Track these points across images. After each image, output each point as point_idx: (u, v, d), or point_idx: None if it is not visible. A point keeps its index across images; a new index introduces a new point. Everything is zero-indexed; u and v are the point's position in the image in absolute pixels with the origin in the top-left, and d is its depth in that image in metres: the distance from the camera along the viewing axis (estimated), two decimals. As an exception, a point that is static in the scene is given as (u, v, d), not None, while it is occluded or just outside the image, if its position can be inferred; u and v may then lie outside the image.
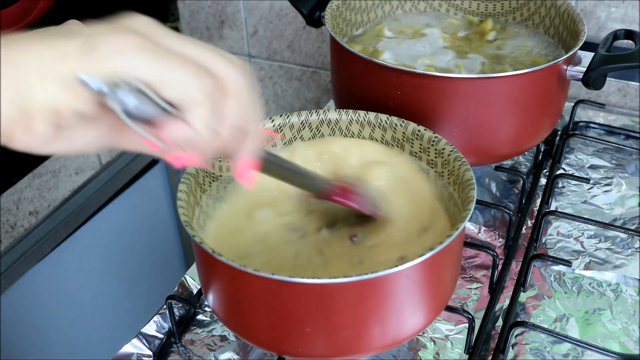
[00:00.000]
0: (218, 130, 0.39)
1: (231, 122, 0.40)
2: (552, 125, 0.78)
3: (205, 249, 0.49)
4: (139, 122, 0.38)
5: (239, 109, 0.40)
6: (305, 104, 1.21)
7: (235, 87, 0.40)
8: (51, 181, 1.03)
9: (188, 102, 0.37)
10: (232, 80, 0.39)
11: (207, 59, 0.39)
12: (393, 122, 0.63)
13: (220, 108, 0.39)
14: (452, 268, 0.55)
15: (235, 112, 0.40)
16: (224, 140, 0.40)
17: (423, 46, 0.83)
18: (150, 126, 0.38)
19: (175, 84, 0.37)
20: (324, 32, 1.10)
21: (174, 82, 0.37)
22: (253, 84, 0.42)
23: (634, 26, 0.92)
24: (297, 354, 0.53)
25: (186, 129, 0.38)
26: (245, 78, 0.41)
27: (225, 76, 0.39)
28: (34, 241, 1.01)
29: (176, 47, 0.38)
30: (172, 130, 0.38)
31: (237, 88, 0.40)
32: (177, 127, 0.38)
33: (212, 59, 0.39)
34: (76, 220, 1.09)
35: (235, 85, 0.40)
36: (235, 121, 0.40)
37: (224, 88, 0.39)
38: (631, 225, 0.76)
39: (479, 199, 0.70)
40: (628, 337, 0.63)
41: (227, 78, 0.39)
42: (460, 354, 0.62)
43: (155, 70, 0.36)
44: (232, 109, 0.40)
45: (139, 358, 0.62)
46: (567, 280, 0.69)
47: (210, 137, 0.39)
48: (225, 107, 0.39)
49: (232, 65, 0.40)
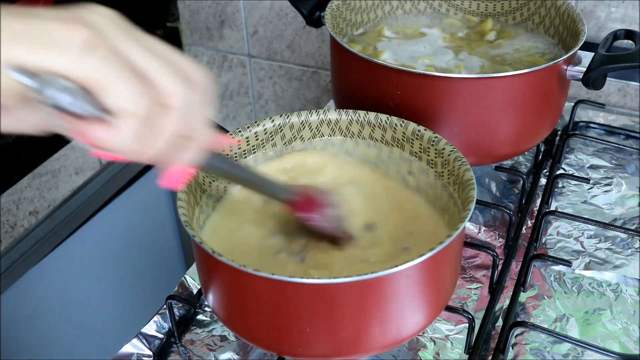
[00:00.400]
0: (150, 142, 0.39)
1: (167, 136, 0.40)
2: (552, 125, 0.78)
3: (205, 249, 0.49)
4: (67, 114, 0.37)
5: (177, 122, 0.40)
6: (305, 104, 1.21)
7: (176, 101, 0.39)
8: (51, 181, 1.03)
9: (120, 112, 0.37)
10: (174, 94, 0.39)
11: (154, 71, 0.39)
12: (393, 122, 0.63)
13: (155, 122, 0.39)
14: (452, 268, 0.55)
15: (172, 126, 0.40)
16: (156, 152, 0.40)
17: (423, 46, 0.83)
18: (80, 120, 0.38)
19: (111, 92, 0.37)
20: (324, 32, 1.10)
21: (111, 90, 0.37)
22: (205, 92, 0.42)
23: (634, 26, 0.92)
24: (297, 354, 0.53)
25: (111, 136, 0.38)
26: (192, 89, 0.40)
27: (167, 90, 0.39)
28: (34, 241, 1.01)
29: (127, 53, 0.38)
30: (97, 132, 0.38)
31: (177, 102, 0.40)
32: (103, 132, 0.38)
33: (159, 71, 0.39)
34: (76, 220, 1.09)
35: (176, 99, 0.39)
36: (172, 134, 0.40)
37: (164, 102, 0.39)
38: (631, 225, 0.76)
39: (479, 199, 0.70)
40: (628, 337, 0.63)
41: (168, 92, 0.39)
42: (460, 354, 0.62)
43: (94, 73, 0.36)
44: (169, 123, 0.40)
45: (139, 358, 0.62)
46: (567, 280, 0.69)
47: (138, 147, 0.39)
48: (161, 121, 0.39)
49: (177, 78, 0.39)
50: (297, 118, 0.64)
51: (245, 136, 0.62)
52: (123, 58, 0.37)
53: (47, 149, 0.98)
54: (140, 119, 0.38)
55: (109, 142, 0.38)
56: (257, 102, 1.25)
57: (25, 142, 0.92)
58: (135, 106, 0.37)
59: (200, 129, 0.43)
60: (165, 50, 0.41)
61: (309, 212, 0.57)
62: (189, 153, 0.43)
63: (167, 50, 0.41)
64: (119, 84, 0.37)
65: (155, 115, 0.39)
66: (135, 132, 0.38)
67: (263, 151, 0.64)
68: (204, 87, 0.42)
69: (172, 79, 0.39)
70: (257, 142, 0.63)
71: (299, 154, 0.66)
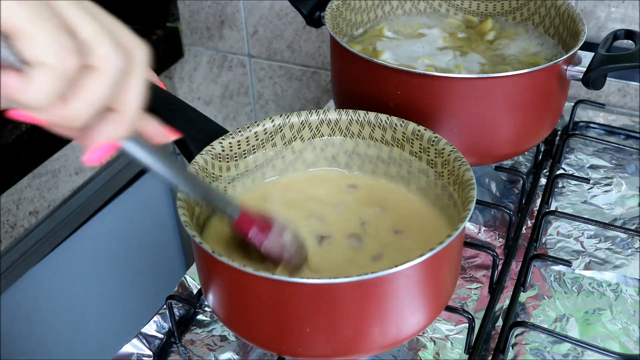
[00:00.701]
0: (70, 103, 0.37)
1: (89, 100, 0.38)
2: (552, 125, 0.78)
3: (205, 249, 0.49)
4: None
5: (103, 88, 0.38)
6: (305, 104, 1.21)
7: (104, 64, 0.38)
8: (51, 181, 1.03)
9: (37, 62, 0.35)
10: (104, 57, 0.38)
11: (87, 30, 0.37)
12: (393, 122, 0.63)
13: (78, 82, 0.37)
14: (452, 268, 0.55)
15: (96, 90, 0.38)
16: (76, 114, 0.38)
17: (423, 46, 0.83)
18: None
19: (32, 41, 0.35)
20: (324, 32, 1.10)
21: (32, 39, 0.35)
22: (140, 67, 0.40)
23: (634, 26, 0.92)
24: (297, 354, 0.53)
25: (24, 86, 0.36)
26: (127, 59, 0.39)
27: (97, 51, 0.37)
28: (34, 241, 1.01)
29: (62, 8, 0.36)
30: (10, 81, 0.36)
31: (106, 66, 0.38)
32: (16, 81, 0.36)
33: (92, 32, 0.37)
34: (76, 220, 1.09)
35: (105, 63, 0.38)
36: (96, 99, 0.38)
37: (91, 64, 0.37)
38: (631, 225, 0.76)
39: (479, 199, 0.70)
40: (628, 337, 0.63)
41: (98, 54, 0.38)
42: (460, 354, 0.62)
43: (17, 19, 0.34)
44: (93, 86, 0.38)
45: (139, 358, 0.62)
46: (567, 280, 0.69)
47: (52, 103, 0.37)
48: (85, 82, 0.37)
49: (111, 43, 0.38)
50: (297, 118, 0.64)
51: (245, 136, 0.62)
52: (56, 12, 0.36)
53: (47, 149, 0.98)
54: (60, 75, 0.36)
55: (20, 93, 0.36)
56: (257, 102, 1.25)
57: (25, 142, 0.92)
58: (55, 59, 0.36)
59: (129, 103, 0.41)
60: (106, 17, 0.39)
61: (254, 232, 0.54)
62: (114, 126, 0.41)
63: (109, 18, 0.39)
64: (41, 33, 0.35)
65: (79, 76, 0.37)
66: (52, 87, 0.36)
67: (263, 151, 0.64)
68: (140, 61, 0.40)
69: (105, 42, 0.38)
70: (257, 142, 0.63)
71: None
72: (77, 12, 0.37)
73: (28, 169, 0.96)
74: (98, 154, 0.42)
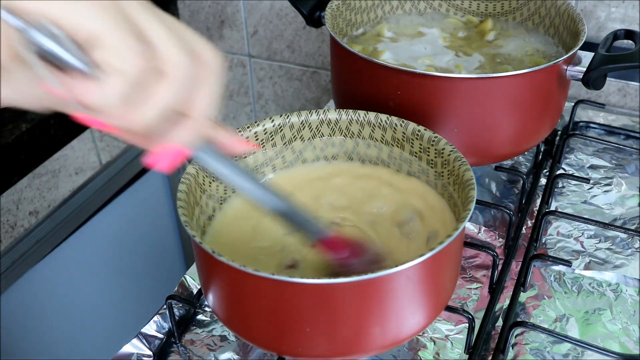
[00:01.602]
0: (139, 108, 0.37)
1: (158, 104, 0.38)
2: (552, 125, 0.78)
3: (205, 249, 0.49)
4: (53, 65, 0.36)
5: (172, 92, 0.38)
6: (305, 104, 1.21)
7: (173, 70, 0.38)
8: (51, 181, 1.03)
9: (110, 68, 0.36)
10: (173, 62, 0.38)
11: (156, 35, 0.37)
12: (393, 122, 0.63)
13: (148, 87, 0.37)
14: (452, 268, 0.55)
15: (165, 95, 0.38)
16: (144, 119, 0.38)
17: (423, 46, 0.83)
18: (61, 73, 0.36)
19: (102, 46, 0.35)
20: (324, 32, 1.10)
21: (102, 44, 0.35)
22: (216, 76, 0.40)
23: (634, 26, 0.92)
24: (297, 354, 0.53)
25: (95, 91, 0.36)
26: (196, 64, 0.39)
27: (167, 57, 0.37)
28: (34, 241, 1.01)
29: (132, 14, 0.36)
30: (81, 86, 0.36)
31: (175, 70, 0.38)
32: (87, 86, 0.36)
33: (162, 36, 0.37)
34: (76, 220, 1.09)
35: (173, 68, 0.38)
36: (165, 104, 0.38)
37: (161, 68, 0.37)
38: (631, 225, 0.76)
39: (479, 199, 0.70)
40: (628, 337, 0.63)
41: (167, 59, 0.37)
42: (460, 354, 0.62)
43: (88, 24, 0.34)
44: (162, 91, 0.38)
45: (139, 358, 0.62)
46: (567, 280, 0.69)
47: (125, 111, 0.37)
48: (154, 87, 0.37)
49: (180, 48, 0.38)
50: (297, 118, 0.64)
51: (245, 136, 0.62)
52: (128, 18, 0.36)
53: (47, 149, 0.98)
54: (130, 80, 0.36)
55: (92, 98, 0.36)
56: (257, 102, 1.25)
57: (25, 142, 0.92)
58: (125, 64, 0.36)
59: (199, 109, 0.40)
60: (175, 22, 0.39)
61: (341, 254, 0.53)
62: (183, 132, 0.41)
63: (178, 24, 0.39)
64: (112, 38, 0.35)
65: (148, 80, 0.37)
66: (123, 92, 0.36)
67: (263, 151, 0.64)
68: (211, 66, 0.40)
69: (174, 47, 0.38)
70: (257, 142, 0.63)
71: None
72: (149, 18, 0.37)
73: (28, 169, 0.96)
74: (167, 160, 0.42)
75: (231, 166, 0.47)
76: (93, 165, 1.11)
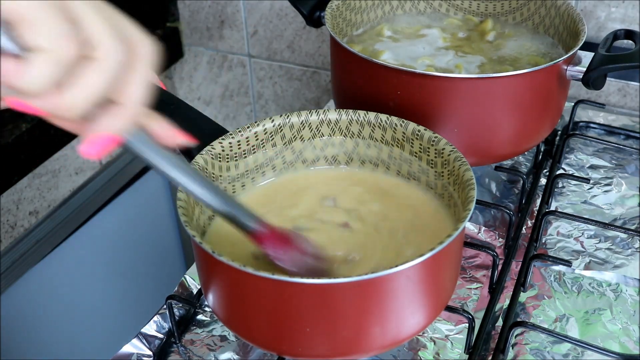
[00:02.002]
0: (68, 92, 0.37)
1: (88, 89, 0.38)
2: (552, 125, 0.78)
3: (205, 249, 0.49)
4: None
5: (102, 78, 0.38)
6: (305, 104, 1.21)
7: (104, 55, 0.38)
8: (51, 181, 1.03)
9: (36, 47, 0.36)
10: (104, 47, 0.38)
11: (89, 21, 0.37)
12: (393, 122, 0.63)
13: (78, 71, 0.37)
14: (452, 268, 0.55)
15: (95, 80, 0.38)
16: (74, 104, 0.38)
17: (423, 46, 0.83)
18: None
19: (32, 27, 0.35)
20: (324, 32, 1.10)
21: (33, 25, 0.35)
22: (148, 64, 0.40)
23: (634, 26, 0.92)
24: (297, 354, 0.53)
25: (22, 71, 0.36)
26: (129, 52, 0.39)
27: (98, 42, 0.37)
28: (34, 241, 1.01)
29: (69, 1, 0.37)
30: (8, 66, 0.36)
31: (106, 56, 0.38)
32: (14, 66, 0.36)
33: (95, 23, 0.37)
34: (76, 220, 1.09)
35: (104, 53, 0.38)
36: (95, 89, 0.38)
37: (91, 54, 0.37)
38: (631, 225, 0.76)
39: (479, 199, 0.70)
40: (628, 337, 0.63)
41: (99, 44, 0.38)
42: (460, 354, 0.62)
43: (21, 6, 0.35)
44: (92, 76, 0.38)
45: (139, 358, 0.62)
46: (567, 280, 0.69)
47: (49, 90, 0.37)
48: (84, 72, 0.37)
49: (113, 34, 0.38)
50: (297, 118, 0.64)
51: (245, 136, 0.62)
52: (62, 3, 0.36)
53: (47, 149, 0.98)
54: (60, 61, 0.36)
55: (18, 78, 0.36)
56: (257, 102, 1.25)
57: (25, 142, 0.93)
58: (54, 44, 0.36)
59: (131, 97, 0.40)
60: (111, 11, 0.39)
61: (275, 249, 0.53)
62: (114, 119, 0.40)
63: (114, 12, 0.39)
64: (42, 20, 0.35)
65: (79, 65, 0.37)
66: (52, 73, 0.36)
67: (263, 151, 0.64)
68: (144, 55, 0.40)
69: (105, 32, 0.38)
70: (257, 142, 0.63)
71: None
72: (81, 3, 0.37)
73: (28, 169, 0.96)
74: (97, 147, 0.41)
75: (165, 156, 0.46)
76: (93, 165, 1.11)
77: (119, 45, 0.39)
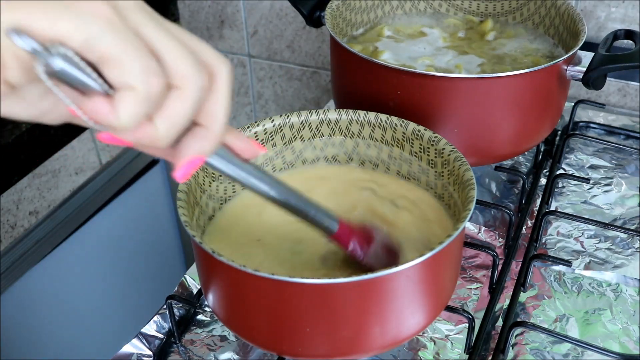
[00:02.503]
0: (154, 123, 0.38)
1: (175, 119, 0.38)
2: (552, 125, 0.78)
3: (205, 249, 0.49)
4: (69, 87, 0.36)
5: (186, 105, 0.38)
6: (305, 104, 1.21)
7: (186, 83, 0.38)
8: (51, 181, 1.03)
9: (123, 87, 0.36)
10: (185, 76, 0.38)
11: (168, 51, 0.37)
12: (393, 122, 0.63)
13: (163, 103, 0.38)
14: (452, 268, 0.55)
15: (180, 108, 0.38)
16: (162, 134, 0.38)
17: (423, 46, 0.83)
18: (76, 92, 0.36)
19: (117, 66, 0.35)
20: (324, 32, 1.10)
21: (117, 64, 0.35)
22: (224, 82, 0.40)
23: (634, 26, 0.92)
24: (297, 354, 0.53)
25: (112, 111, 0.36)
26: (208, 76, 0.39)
27: (178, 71, 0.38)
28: (34, 241, 1.01)
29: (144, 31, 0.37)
30: (98, 106, 0.36)
31: (187, 84, 0.38)
32: (103, 106, 0.36)
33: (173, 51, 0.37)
34: (76, 220, 1.09)
35: (187, 82, 0.38)
36: (181, 117, 0.39)
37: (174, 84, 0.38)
38: (631, 225, 0.76)
39: (479, 199, 0.70)
40: (628, 337, 0.63)
41: (180, 73, 0.38)
42: (460, 354, 0.62)
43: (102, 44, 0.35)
44: (177, 105, 0.38)
45: (139, 358, 0.62)
46: (567, 280, 0.69)
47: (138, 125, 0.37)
48: (169, 102, 0.38)
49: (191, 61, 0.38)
50: (297, 118, 0.64)
51: (245, 136, 0.62)
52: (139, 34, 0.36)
53: (47, 149, 0.98)
54: (148, 98, 0.36)
55: (108, 117, 0.36)
56: (257, 102, 1.25)
57: (25, 142, 0.92)
58: (139, 82, 0.36)
59: (215, 119, 0.41)
60: (185, 34, 0.39)
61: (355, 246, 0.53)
62: (201, 142, 0.41)
63: (187, 35, 0.40)
64: (127, 58, 0.35)
65: (163, 96, 0.37)
66: (139, 109, 0.36)
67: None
68: (223, 76, 0.41)
69: (185, 60, 0.38)
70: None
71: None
72: (159, 32, 0.37)
73: (28, 169, 0.96)
74: (187, 169, 0.42)
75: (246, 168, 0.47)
76: (93, 165, 1.11)
77: (199, 70, 0.39)
